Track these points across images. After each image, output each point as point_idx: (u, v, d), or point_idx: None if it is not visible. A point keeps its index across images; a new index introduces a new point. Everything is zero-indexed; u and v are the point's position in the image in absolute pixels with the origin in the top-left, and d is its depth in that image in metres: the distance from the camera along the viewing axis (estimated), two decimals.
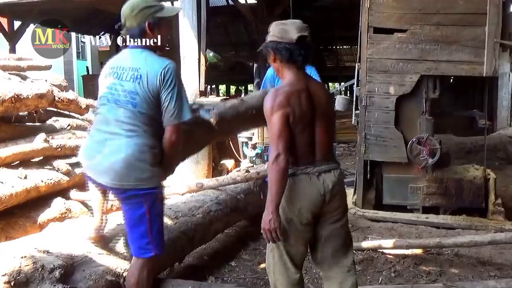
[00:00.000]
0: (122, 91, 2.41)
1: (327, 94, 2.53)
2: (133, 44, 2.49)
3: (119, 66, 2.48)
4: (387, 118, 5.38)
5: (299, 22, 2.41)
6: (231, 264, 3.82)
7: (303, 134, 2.30)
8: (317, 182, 2.31)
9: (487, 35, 5.07)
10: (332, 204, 2.36)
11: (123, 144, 2.37)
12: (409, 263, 3.84)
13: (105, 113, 2.46)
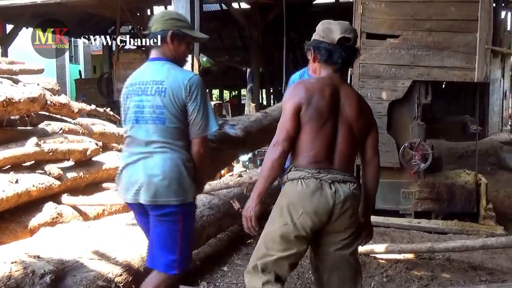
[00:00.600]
0: (148, 107, 2.32)
1: (361, 105, 2.25)
2: (152, 57, 2.44)
3: (141, 82, 2.38)
4: (379, 123, 5.31)
5: (346, 23, 2.26)
6: (224, 269, 3.80)
7: (320, 133, 2.11)
8: (328, 191, 2.08)
9: (479, 41, 5.11)
10: (341, 221, 2.11)
11: (158, 161, 2.29)
12: (401, 268, 3.85)
13: (134, 134, 2.38)
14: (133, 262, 2.88)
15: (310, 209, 2.07)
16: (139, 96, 2.36)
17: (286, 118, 2.12)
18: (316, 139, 2.12)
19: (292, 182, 2.13)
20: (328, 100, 2.14)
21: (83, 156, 4.87)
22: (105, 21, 12.80)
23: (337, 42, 2.17)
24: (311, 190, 2.07)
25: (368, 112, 2.28)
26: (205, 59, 8.77)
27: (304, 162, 2.13)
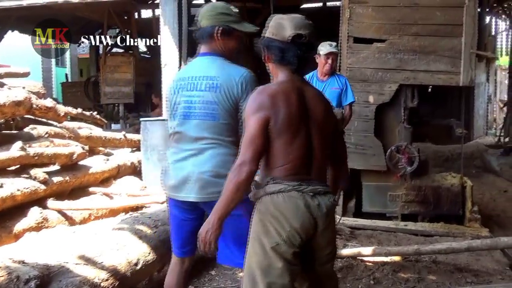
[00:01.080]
0: (199, 102, 2.28)
1: (326, 104, 2.09)
2: (203, 51, 2.39)
3: (191, 77, 2.33)
4: (366, 126, 5.44)
5: (300, 18, 2.06)
6: (211, 273, 3.78)
7: (294, 144, 1.94)
8: (311, 204, 1.92)
9: (464, 45, 5.18)
10: (325, 235, 1.98)
11: (209, 157, 2.26)
12: (388, 270, 3.87)
13: (184, 130, 2.32)
14: (119, 267, 2.86)
15: (296, 225, 1.89)
16: (190, 91, 2.31)
17: (253, 134, 1.90)
18: (292, 151, 1.95)
19: (272, 197, 1.93)
20: (296, 107, 1.96)
21: (69, 160, 4.84)
22: (92, 24, 12.71)
23: (291, 40, 1.98)
24: (295, 204, 1.90)
25: (332, 112, 2.17)
26: None
27: (281, 174, 1.95)
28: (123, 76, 11.19)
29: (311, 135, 1.98)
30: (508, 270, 4.00)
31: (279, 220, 1.89)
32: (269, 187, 1.95)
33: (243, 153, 1.90)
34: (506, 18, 16.97)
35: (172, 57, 6.52)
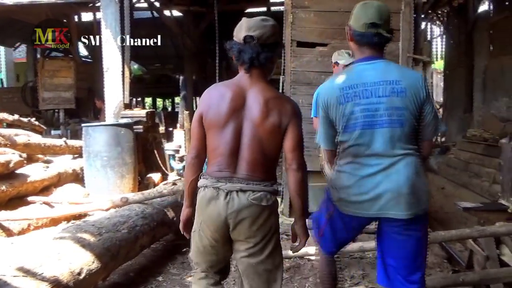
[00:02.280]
0: (384, 110, 2.12)
1: (270, 105, 2.07)
2: (368, 56, 2.21)
3: (365, 83, 2.15)
4: (311, 128, 5.51)
5: (258, 19, 2.13)
6: (158, 279, 3.72)
7: (220, 140, 2.05)
8: (221, 201, 2.03)
9: (401, 50, 5.41)
10: (239, 231, 2.05)
11: (402, 170, 2.11)
12: None
13: (364, 141, 2.14)
14: (61, 277, 2.74)
15: (206, 218, 2.08)
16: (367, 98, 2.13)
17: (192, 126, 2.17)
18: (218, 147, 2.07)
19: (198, 190, 2.14)
20: (228, 104, 2.05)
21: (6, 169, 4.62)
22: (28, 27, 12.19)
23: (243, 41, 2.06)
24: (207, 200, 2.06)
25: (281, 113, 2.07)
26: (136, 67, 8.58)
27: (209, 170, 2.11)
28: (63, 81, 10.81)
29: (242, 134, 2.06)
30: (446, 263, 4.20)
31: (198, 211, 2.13)
32: (199, 182, 2.15)
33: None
34: (440, 24, 17.88)
35: (115, 61, 6.38)
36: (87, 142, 5.68)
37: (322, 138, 2.33)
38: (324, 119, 2.27)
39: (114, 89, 6.33)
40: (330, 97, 2.20)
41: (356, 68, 2.24)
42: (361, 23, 2.18)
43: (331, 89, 2.22)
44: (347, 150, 2.20)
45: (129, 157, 5.62)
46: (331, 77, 2.34)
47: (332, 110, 2.20)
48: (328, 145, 2.33)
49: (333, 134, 2.27)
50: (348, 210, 2.22)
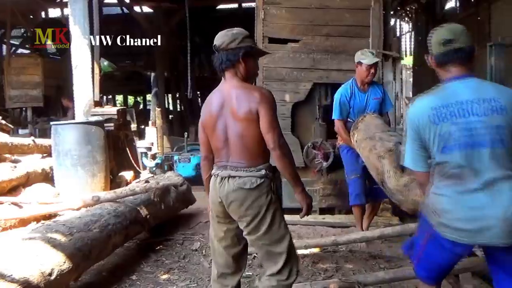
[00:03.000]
0: (484, 128, 2.02)
1: (240, 97, 2.36)
2: (460, 74, 2.14)
3: (459, 102, 2.06)
4: (283, 124, 5.56)
5: (223, 31, 2.46)
6: (132, 278, 3.69)
7: (214, 136, 2.44)
8: (217, 186, 2.40)
9: (371, 46, 5.47)
10: (232, 211, 2.39)
11: (509, 191, 1.99)
12: (308, 262, 4.00)
13: (465, 163, 2.03)
14: (32, 278, 2.69)
15: (210, 200, 2.49)
16: (464, 117, 2.04)
17: (198, 134, 2.58)
18: (214, 143, 2.46)
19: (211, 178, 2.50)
20: (213, 108, 2.43)
21: None
22: None
23: (214, 50, 2.44)
24: (212, 185, 2.46)
25: (249, 101, 2.33)
26: (106, 64, 8.44)
27: (215, 161, 2.50)
28: (30, 78, 10.55)
29: (227, 127, 2.39)
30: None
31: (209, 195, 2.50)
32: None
33: None
34: (408, 21, 18.18)
35: (84, 59, 6.26)
36: (57, 140, 5.55)
37: (412, 160, 2.23)
38: (413, 140, 2.18)
39: (83, 86, 6.21)
40: (421, 117, 2.12)
41: (447, 87, 2.15)
42: (436, 44, 2.18)
43: (421, 109, 2.14)
44: (445, 171, 2.10)
45: (100, 156, 5.53)
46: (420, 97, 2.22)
47: (424, 130, 2.12)
48: (419, 167, 2.22)
49: (424, 155, 2.19)
50: (450, 236, 2.08)
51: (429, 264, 2.27)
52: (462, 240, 2.05)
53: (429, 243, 2.20)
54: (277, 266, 2.40)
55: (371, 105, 4.45)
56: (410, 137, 2.19)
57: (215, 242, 2.55)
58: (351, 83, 4.51)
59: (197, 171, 7.02)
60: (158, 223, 4.65)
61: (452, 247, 2.11)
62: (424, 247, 2.24)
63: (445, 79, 2.17)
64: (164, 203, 4.71)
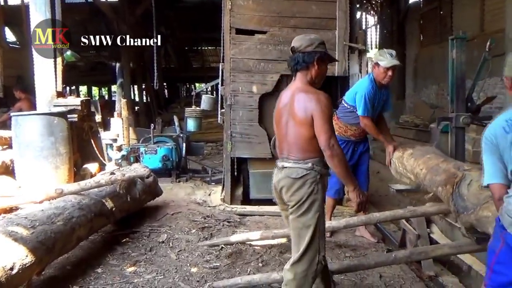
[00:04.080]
0: None
1: (301, 100, 2.61)
2: None
3: None
4: (251, 116, 5.58)
5: (302, 35, 2.77)
6: (97, 271, 3.63)
7: (277, 131, 2.77)
8: (274, 174, 2.75)
9: (337, 38, 5.55)
10: (283, 196, 2.68)
11: None
12: (275, 252, 4.04)
13: None
14: None
15: (272, 188, 2.78)
16: None
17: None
18: (278, 136, 2.78)
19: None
20: (281, 103, 2.72)
21: None
22: None
23: (291, 51, 2.74)
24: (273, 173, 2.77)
25: (306, 104, 2.60)
26: (69, 53, 8.20)
27: (278, 152, 2.79)
28: None
29: (288, 125, 2.67)
30: (381, 243, 4.40)
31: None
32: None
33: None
34: (374, 14, 18.45)
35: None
36: (17, 132, 5.37)
37: (490, 173, 2.23)
38: (491, 154, 2.20)
39: (45, 76, 6.02)
40: (496, 130, 2.16)
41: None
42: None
43: (496, 123, 2.19)
44: None
45: (63, 147, 5.40)
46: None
47: (499, 142, 2.16)
48: (496, 178, 2.21)
49: (502, 167, 2.19)
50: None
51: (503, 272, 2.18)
52: None
53: (503, 248, 2.16)
54: (298, 253, 2.61)
55: (380, 105, 4.40)
56: (488, 152, 2.21)
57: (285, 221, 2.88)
58: (373, 81, 4.31)
59: (164, 163, 6.96)
60: (124, 216, 4.59)
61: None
62: (499, 254, 2.19)
63: None
64: (130, 195, 4.65)
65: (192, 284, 3.42)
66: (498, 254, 2.16)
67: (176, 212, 5.12)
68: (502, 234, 2.13)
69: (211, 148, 11.36)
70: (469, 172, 3.32)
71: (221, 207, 5.57)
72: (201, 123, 7.67)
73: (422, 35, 14.68)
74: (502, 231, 2.14)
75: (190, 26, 16.95)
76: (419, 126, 10.79)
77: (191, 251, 4.06)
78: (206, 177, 7.26)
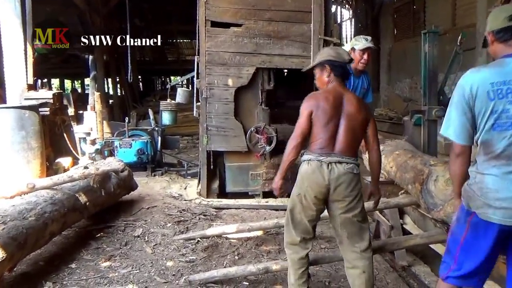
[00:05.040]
0: None
1: (360, 105, 2.86)
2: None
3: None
4: (227, 109, 5.57)
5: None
6: (71, 266, 3.58)
7: (325, 128, 2.75)
8: (325, 170, 2.69)
9: (312, 31, 5.56)
10: (338, 192, 2.70)
11: None
12: (251, 244, 4.05)
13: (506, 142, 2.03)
14: None
15: (311, 183, 2.72)
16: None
17: (300, 120, 2.80)
18: (321, 133, 2.75)
19: (303, 163, 2.79)
20: (330, 103, 2.77)
21: None
22: None
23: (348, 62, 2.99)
24: (312, 169, 2.72)
25: (366, 110, 2.88)
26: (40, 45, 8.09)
27: (312, 148, 2.77)
28: None
29: (340, 124, 2.77)
30: None
31: (303, 179, 2.76)
32: (303, 157, 2.82)
33: (295, 131, 2.82)
34: (349, 8, 18.60)
35: (16, 40, 5.91)
36: None
37: (456, 132, 2.16)
38: (463, 112, 2.12)
39: (16, 69, 5.88)
40: (479, 91, 2.06)
41: (508, 62, 2.08)
42: (500, 19, 2.12)
43: (479, 81, 2.08)
44: (493, 150, 2.06)
45: (35, 142, 5.28)
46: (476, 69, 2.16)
47: (478, 104, 2.07)
48: (463, 140, 2.15)
49: (471, 130, 2.13)
50: (492, 217, 2.06)
51: (468, 259, 2.17)
52: (505, 221, 2.03)
53: (469, 234, 2.15)
54: (366, 242, 2.79)
55: (359, 94, 4.43)
56: (460, 109, 2.12)
57: (301, 218, 2.82)
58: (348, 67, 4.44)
59: (139, 157, 6.90)
60: (99, 210, 4.53)
61: (492, 232, 2.07)
62: (463, 241, 2.17)
63: (505, 54, 2.11)
64: (105, 189, 4.59)
65: (168, 278, 3.41)
66: (463, 242, 2.18)
67: (152, 206, 5.09)
68: (469, 219, 2.14)
69: (186, 141, 11.30)
70: (435, 167, 3.41)
71: (197, 200, 5.55)
72: (176, 116, 7.62)
73: (396, 29, 14.87)
74: (468, 216, 2.15)
75: (165, 19, 16.78)
76: (393, 119, 10.96)
77: (167, 245, 4.04)
78: (182, 171, 7.23)
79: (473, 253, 2.16)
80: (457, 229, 2.24)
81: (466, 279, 2.22)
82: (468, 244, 2.17)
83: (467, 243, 2.17)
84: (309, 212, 2.79)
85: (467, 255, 2.18)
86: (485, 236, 2.10)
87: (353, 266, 2.79)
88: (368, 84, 4.51)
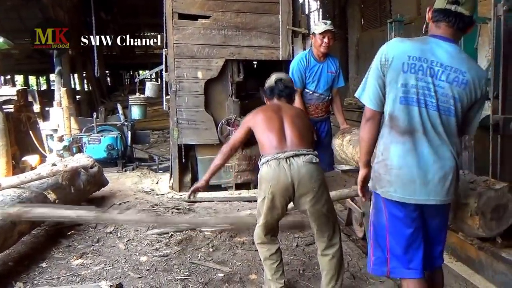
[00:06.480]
0: (440, 94, 2.06)
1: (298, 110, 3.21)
2: (443, 35, 2.11)
3: (432, 61, 2.06)
4: (197, 102, 5.53)
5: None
6: (42, 265, 3.50)
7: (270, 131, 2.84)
8: (284, 166, 2.69)
9: (281, 22, 5.57)
10: (303, 185, 2.68)
11: (448, 156, 2.09)
12: (226, 236, 4.05)
13: (417, 120, 2.07)
14: None
15: (274, 184, 2.69)
16: (428, 76, 2.06)
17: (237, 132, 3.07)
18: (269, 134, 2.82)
19: (262, 166, 2.79)
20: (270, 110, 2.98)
21: None
22: None
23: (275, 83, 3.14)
24: (272, 168, 2.70)
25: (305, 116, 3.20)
26: (1, 41, 7.81)
27: (266, 151, 2.80)
28: None
29: (284, 122, 2.86)
30: None
31: (265, 182, 2.74)
32: (261, 160, 2.82)
33: (230, 140, 3.12)
34: None
35: None
36: None
37: (370, 96, 2.18)
38: (379, 77, 2.15)
39: None
40: (396, 60, 2.10)
41: (430, 41, 2.13)
42: (442, 0, 2.13)
43: (399, 51, 2.11)
44: (397, 124, 2.11)
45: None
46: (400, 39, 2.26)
47: (390, 72, 2.11)
48: (375, 105, 2.18)
49: (382, 96, 2.16)
50: (397, 196, 2.11)
51: (399, 244, 2.17)
52: (406, 198, 2.09)
53: (389, 221, 2.17)
54: (333, 230, 2.83)
55: (325, 78, 4.47)
56: (376, 74, 2.16)
57: (268, 219, 2.81)
58: (307, 53, 4.46)
59: (109, 153, 6.79)
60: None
61: (405, 211, 2.12)
62: (388, 226, 2.18)
63: (432, 34, 2.16)
64: (74, 186, 4.51)
65: (142, 273, 3.38)
66: (389, 228, 2.17)
67: (123, 202, 5.03)
68: (384, 205, 2.16)
69: (157, 136, 11.19)
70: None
71: (170, 194, 5.52)
72: (146, 110, 7.53)
73: (363, 19, 15.04)
74: (383, 203, 2.17)
75: (132, 12, 16.51)
76: (361, 108, 11.09)
77: (140, 240, 4.01)
78: (153, 166, 7.17)
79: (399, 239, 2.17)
80: (376, 220, 2.25)
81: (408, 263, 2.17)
82: (394, 228, 2.17)
83: (392, 228, 2.17)
84: (275, 212, 2.78)
85: (396, 240, 2.17)
86: (400, 219, 2.14)
87: (323, 254, 2.85)
88: (337, 68, 4.57)
